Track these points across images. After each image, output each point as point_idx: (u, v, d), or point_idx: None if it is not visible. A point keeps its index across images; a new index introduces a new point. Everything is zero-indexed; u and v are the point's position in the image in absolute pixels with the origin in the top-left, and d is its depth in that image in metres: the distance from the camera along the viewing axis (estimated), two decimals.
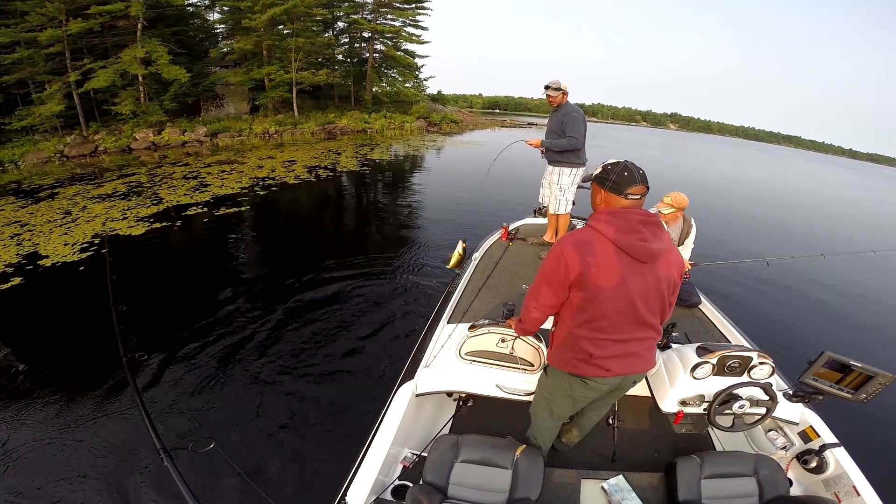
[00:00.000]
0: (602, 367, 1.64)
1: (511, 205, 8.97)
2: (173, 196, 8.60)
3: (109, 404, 3.21)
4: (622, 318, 1.57)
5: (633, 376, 1.74)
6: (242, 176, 10.77)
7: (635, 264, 1.51)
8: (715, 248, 7.92)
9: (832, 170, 50.81)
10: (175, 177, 10.61)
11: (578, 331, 1.63)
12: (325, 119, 23.21)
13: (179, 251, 6.22)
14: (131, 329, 4.09)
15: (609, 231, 1.51)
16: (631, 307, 1.55)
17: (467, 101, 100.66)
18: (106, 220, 6.97)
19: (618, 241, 1.50)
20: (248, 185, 9.87)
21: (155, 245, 6.22)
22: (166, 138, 16.97)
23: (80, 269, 5.33)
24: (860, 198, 23.93)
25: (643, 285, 1.53)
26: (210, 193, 8.92)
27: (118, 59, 16.98)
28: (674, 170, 21.36)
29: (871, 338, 5.59)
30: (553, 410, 1.91)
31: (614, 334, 1.60)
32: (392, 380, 2.39)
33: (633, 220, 1.51)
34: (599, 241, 1.52)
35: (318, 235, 7.40)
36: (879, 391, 1.84)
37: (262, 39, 21.33)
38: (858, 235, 12.09)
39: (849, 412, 2.24)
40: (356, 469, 1.77)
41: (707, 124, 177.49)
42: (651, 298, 1.57)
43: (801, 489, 2.12)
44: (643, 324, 1.61)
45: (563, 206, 3.88)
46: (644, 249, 1.49)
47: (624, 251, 1.50)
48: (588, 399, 1.82)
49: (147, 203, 8.07)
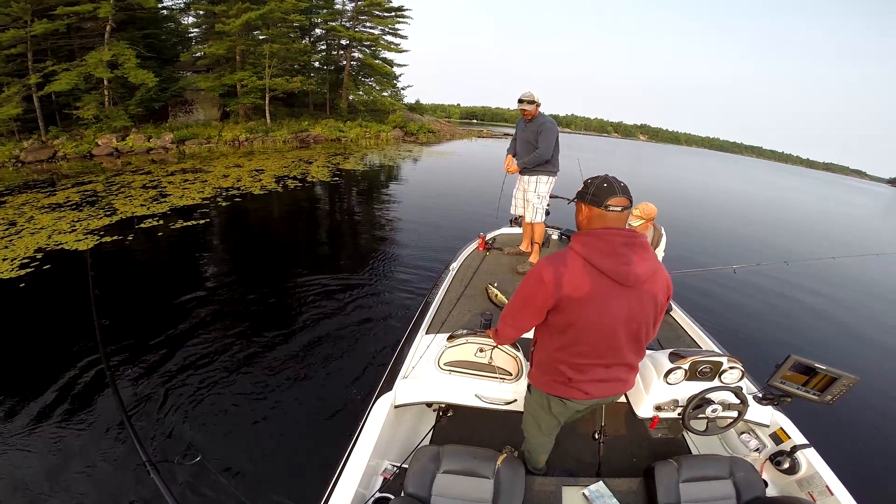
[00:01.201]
0: (581, 390, 1.65)
1: (481, 216, 9.04)
2: (129, 207, 8.31)
3: (94, 418, 3.18)
4: (603, 344, 1.54)
5: (608, 399, 1.76)
6: (206, 186, 10.52)
7: (619, 288, 1.46)
8: (685, 256, 8.22)
9: (793, 179, 53.23)
10: (134, 186, 10.28)
11: (558, 354, 1.62)
12: (298, 127, 22.97)
13: (132, 266, 5.98)
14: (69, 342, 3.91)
15: (590, 254, 1.47)
16: (612, 333, 1.52)
17: (445, 111, 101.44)
18: (52, 233, 6.67)
19: (600, 265, 1.45)
20: (210, 195, 9.63)
21: (105, 259, 5.97)
22: (130, 144, 16.47)
23: (21, 286, 5.06)
24: (819, 206, 25.23)
25: (626, 310, 1.49)
26: (169, 204, 8.66)
27: (83, 62, 16.44)
28: (642, 179, 21.89)
29: (833, 340, 5.89)
30: (541, 426, 1.94)
31: (594, 359, 1.58)
32: (370, 391, 2.38)
33: (616, 242, 1.45)
34: (580, 265, 1.48)
35: (286, 249, 7.25)
36: (844, 392, 1.90)
37: (235, 44, 21.01)
38: (818, 242, 12.79)
39: (816, 414, 2.32)
40: (335, 482, 1.74)
41: (675, 135, 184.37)
42: (634, 322, 1.52)
43: (776, 490, 2.18)
44: (625, 349, 1.58)
45: (539, 215, 3.89)
46: (627, 273, 1.44)
47: (606, 275, 1.45)
48: (568, 416, 1.84)
49: (99, 214, 7.77)
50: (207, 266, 6.24)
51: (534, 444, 2.06)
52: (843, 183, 79.11)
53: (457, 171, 16.76)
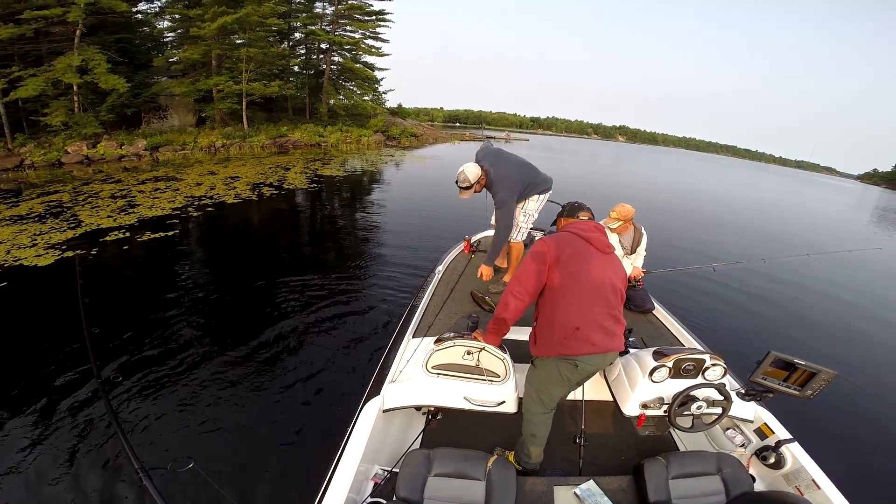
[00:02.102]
0: (588, 340, 1.86)
1: (466, 219, 9.00)
2: (95, 219, 8.04)
3: (84, 426, 3.17)
4: (597, 294, 1.91)
5: (610, 356, 1.97)
6: (177, 195, 10.27)
7: (599, 254, 1.97)
8: (666, 255, 8.40)
9: (768, 177, 54.83)
10: (102, 195, 9.96)
11: (561, 311, 1.90)
12: (276, 132, 22.65)
13: (102, 278, 5.72)
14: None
15: (576, 229, 2.03)
16: (602, 286, 1.91)
17: (428, 115, 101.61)
18: (11, 248, 6.39)
19: (584, 234, 1.99)
20: (181, 204, 9.40)
21: (62, 274, 5.71)
22: (101, 152, 15.99)
23: None
24: (794, 203, 26.10)
25: (609, 270, 1.96)
26: (137, 215, 8.41)
27: (51, 67, 15.92)
28: (620, 178, 22.22)
29: (811, 335, 6.06)
30: (543, 400, 2.05)
31: (594, 307, 1.89)
32: (358, 397, 2.35)
33: (589, 224, 2.07)
34: (570, 235, 2.02)
35: (264, 259, 7.06)
36: (824, 387, 1.94)
37: (211, 48, 20.63)
38: (794, 239, 13.19)
39: (799, 409, 2.33)
40: (325, 488, 1.75)
41: (652, 136, 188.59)
42: (618, 280, 1.98)
43: (763, 485, 2.21)
44: (612, 304, 1.93)
45: (520, 235, 3.57)
46: (603, 242, 2.00)
47: (589, 242, 1.97)
48: (577, 380, 2.02)
49: (63, 227, 7.49)
50: (184, 277, 6.05)
51: (533, 423, 2.10)
52: (814, 180, 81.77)
53: (440, 174, 16.63)
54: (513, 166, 3.33)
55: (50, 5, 15.47)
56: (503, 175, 3.23)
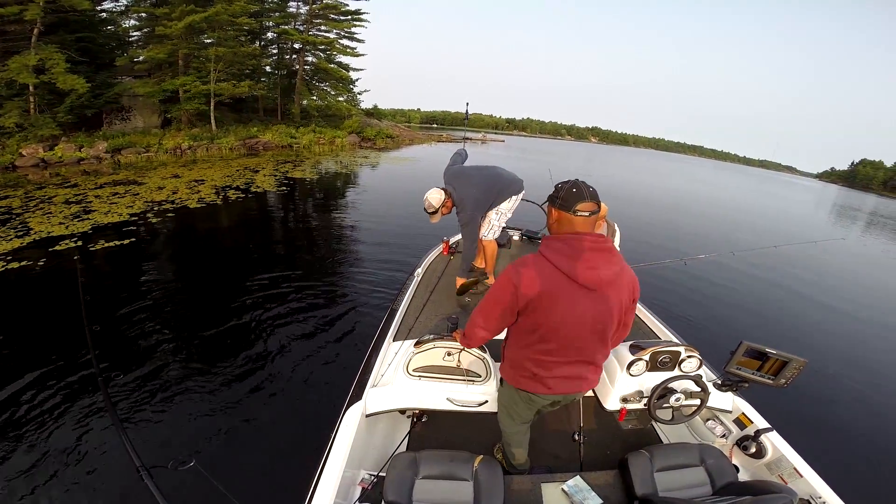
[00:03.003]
0: (545, 385, 1.74)
1: (443, 221, 8.88)
2: (45, 226, 7.65)
3: (85, 424, 3.19)
4: (568, 343, 1.64)
5: (575, 395, 1.84)
6: (136, 199, 9.91)
7: (584, 291, 1.54)
8: (639, 251, 8.64)
9: (733, 176, 56.91)
10: (56, 201, 9.52)
11: (525, 351, 1.72)
12: (246, 133, 22.18)
13: (45, 289, 5.40)
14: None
15: (558, 259, 1.54)
16: (578, 333, 1.61)
17: (405, 116, 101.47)
18: None
19: (566, 269, 1.52)
20: (140, 210, 9.07)
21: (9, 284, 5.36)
22: (59, 154, 15.31)
23: None
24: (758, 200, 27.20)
25: (592, 311, 1.56)
26: (91, 222, 8.05)
27: (5, 67, 15.20)
28: (597, 179, 22.39)
29: (781, 324, 6.30)
30: (514, 417, 2.01)
31: (559, 357, 1.67)
32: (341, 402, 2.32)
33: (582, 247, 1.53)
34: (549, 269, 1.55)
35: (234, 266, 6.79)
36: (796, 375, 1.97)
37: (177, 48, 20.01)
38: (761, 232, 13.76)
39: (774, 397, 2.34)
40: (311, 494, 1.71)
41: (624, 137, 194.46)
42: (599, 324, 1.60)
43: (747, 474, 2.23)
44: (589, 348, 1.68)
45: (492, 233, 3.59)
46: (592, 277, 1.52)
47: (572, 279, 1.52)
48: (535, 409, 1.93)
49: (10, 235, 7.11)
50: (147, 283, 5.79)
51: (509, 434, 2.11)
52: (777, 178, 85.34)
53: (416, 176, 16.49)
54: (474, 187, 3.32)
55: (6, 3, 14.84)
56: (465, 196, 3.29)
